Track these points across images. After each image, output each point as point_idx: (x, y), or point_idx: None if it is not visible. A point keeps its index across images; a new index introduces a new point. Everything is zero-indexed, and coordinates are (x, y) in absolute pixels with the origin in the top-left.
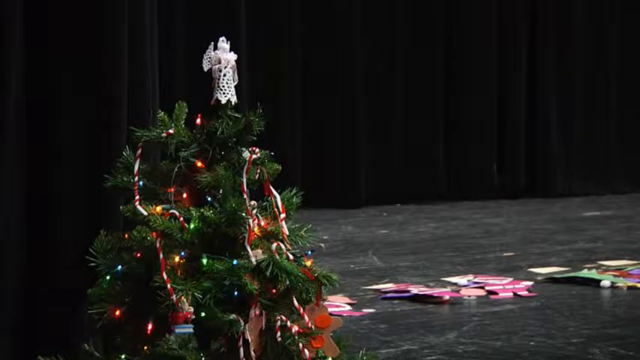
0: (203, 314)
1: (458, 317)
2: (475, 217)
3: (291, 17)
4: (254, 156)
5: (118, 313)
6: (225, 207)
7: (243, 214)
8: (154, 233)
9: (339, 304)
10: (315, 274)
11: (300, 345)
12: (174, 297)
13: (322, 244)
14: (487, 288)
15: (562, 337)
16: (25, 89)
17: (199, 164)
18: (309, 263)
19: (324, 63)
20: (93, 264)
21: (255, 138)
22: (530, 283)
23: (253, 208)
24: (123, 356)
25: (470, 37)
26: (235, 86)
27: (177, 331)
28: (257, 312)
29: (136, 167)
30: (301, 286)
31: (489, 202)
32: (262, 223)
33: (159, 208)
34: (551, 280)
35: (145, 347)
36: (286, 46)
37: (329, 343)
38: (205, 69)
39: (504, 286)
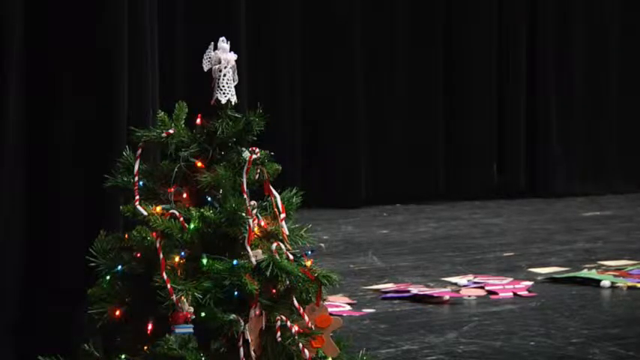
0: (203, 314)
1: (458, 317)
2: (475, 217)
3: (291, 17)
4: (254, 156)
5: (118, 313)
6: (225, 207)
7: (243, 214)
8: (154, 233)
9: (339, 304)
10: (315, 274)
11: (300, 345)
12: (174, 297)
13: (322, 244)
14: (487, 288)
15: (562, 337)
16: (25, 89)
17: (199, 164)
18: (309, 263)
19: (323, 63)
20: (93, 264)
21: (255, 138)
22: (530, 283)
23: (253, 208)
24: (123, 356)
25: (470, 37)
26: (235, 86)
27: (177, 331)
28: (257, 312)
29: (136, 167)
30: (301, 286)
31: (489, 202)
32: (262, 223)
33: (159, 208)
34: (551, 280)
35: (145, 347)
36: (286, 46)
37: (329, 343)
38: (205, 69)
39: (504, 286)
